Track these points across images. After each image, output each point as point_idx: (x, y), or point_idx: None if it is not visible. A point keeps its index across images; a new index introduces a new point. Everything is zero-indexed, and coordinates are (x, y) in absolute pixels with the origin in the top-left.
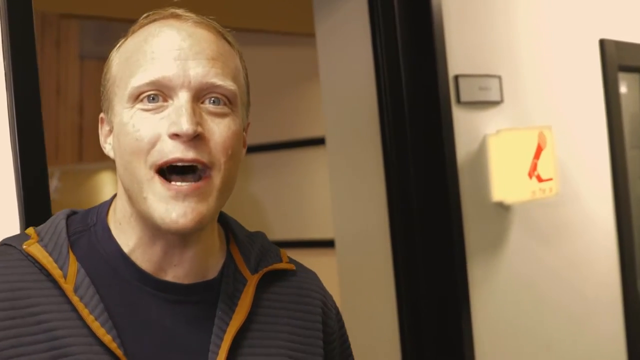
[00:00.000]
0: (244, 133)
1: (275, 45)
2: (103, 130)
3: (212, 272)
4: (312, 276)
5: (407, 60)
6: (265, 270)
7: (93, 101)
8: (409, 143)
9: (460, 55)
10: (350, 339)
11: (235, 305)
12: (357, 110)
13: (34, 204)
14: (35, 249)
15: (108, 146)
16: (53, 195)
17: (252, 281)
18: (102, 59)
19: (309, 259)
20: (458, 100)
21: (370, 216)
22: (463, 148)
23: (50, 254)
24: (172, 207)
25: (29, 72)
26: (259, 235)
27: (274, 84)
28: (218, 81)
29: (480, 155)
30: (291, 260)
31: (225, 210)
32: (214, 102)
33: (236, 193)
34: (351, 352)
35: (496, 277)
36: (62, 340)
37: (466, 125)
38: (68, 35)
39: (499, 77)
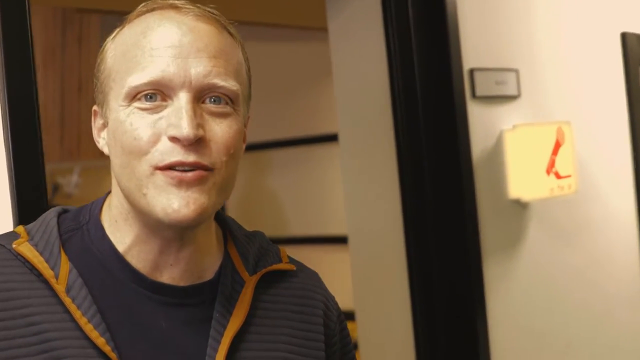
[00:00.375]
0: (244, 128)
1: (294, 40)
2: (96, 123)
3: (209, 273)
4: (313, 277)
5: (421, 54)
6: (264, 271)
7: None
8: (422, 139)
9: (476, 48)
10: (363, 337)
11: (233, 307)
12: (370, 106)
13: (29, 202)
14: (25, 248)
15: (102, 141)
16: (74, 190)
17: (251, 282)
18: None
19: (327, 255)
20: (473, 95)
21: (384, 213)
22: (478, 144)
23: (41, 254)
24: (174, 196)
25: (23, 63)
26: (258, 235)
27: (292, 79)
28: (220, 81)
29: (496, 152)
30: (292, 260)
31: (241, 205)
32: (214, 101)
33: (253, 188)
34: (354, 355)
35: (513, 276)
36: (54, 343)
37: (482, 120)
38: (89, 31)
39: (516, 71)
